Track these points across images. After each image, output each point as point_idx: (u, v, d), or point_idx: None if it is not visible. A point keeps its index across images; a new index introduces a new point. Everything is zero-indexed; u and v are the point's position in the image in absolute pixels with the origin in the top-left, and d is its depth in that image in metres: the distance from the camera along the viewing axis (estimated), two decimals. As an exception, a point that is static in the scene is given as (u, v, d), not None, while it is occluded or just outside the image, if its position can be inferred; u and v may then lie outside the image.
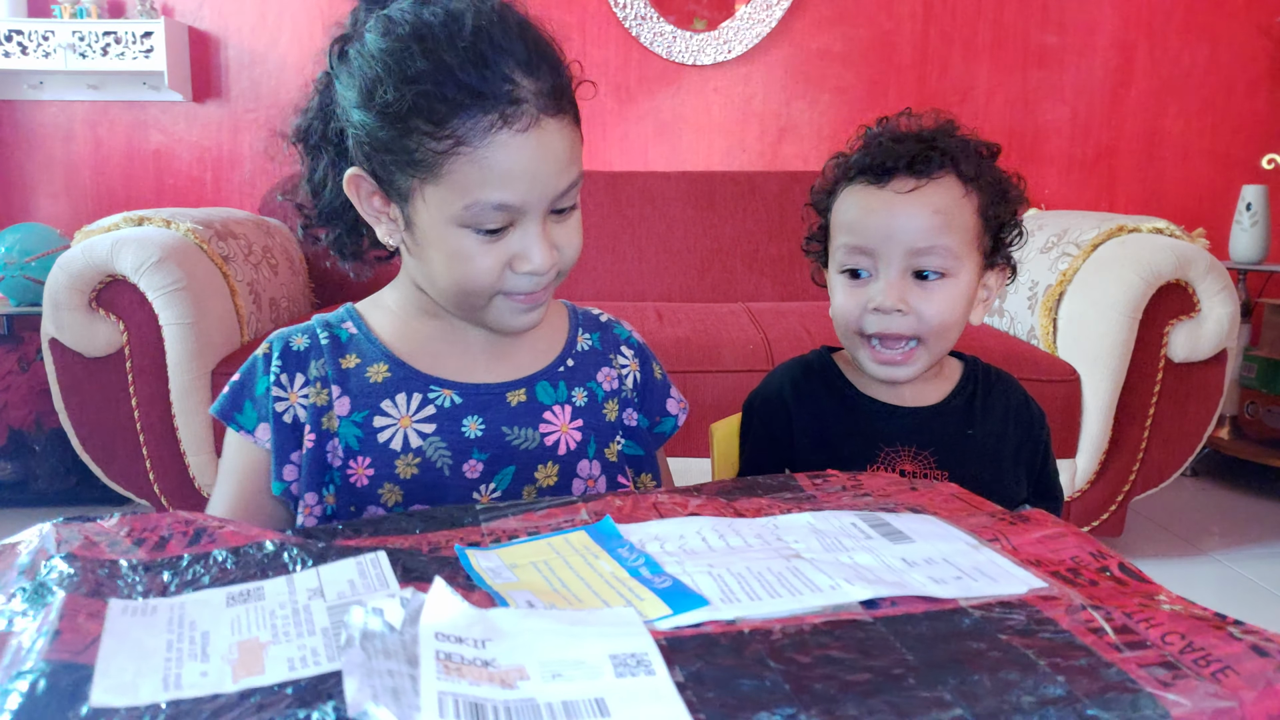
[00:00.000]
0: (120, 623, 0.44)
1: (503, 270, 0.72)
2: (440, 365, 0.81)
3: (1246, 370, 2.48)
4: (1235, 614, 0.41)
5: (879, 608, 0.44)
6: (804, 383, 0.90)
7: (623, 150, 2.76)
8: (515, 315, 0.76)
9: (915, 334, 0.81)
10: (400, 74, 0.67)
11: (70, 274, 1.74)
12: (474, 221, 0.69)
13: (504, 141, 0.67)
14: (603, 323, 0.92)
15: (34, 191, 2.71)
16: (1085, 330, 1.82)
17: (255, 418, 0.78)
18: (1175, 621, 0.40)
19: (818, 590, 0.45)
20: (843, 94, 2.74)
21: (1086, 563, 0.48)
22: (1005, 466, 0.88)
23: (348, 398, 0.78)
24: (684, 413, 0.94)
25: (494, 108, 0.67)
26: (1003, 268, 0.87)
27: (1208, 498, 2.39)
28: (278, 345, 0.80)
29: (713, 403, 1.76)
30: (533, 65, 0.69)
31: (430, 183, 0.69)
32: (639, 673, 0.38)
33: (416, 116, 0.67)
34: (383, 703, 0.34)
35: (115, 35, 2.48)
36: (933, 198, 0.80)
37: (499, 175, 0.68)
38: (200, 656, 0.41)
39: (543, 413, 0.81)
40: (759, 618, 0.44)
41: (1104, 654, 0.38)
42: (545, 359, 0.84)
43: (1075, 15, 2.70)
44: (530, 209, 0.70)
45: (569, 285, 2.48)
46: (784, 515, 0.57)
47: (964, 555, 0.49)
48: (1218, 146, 2.76)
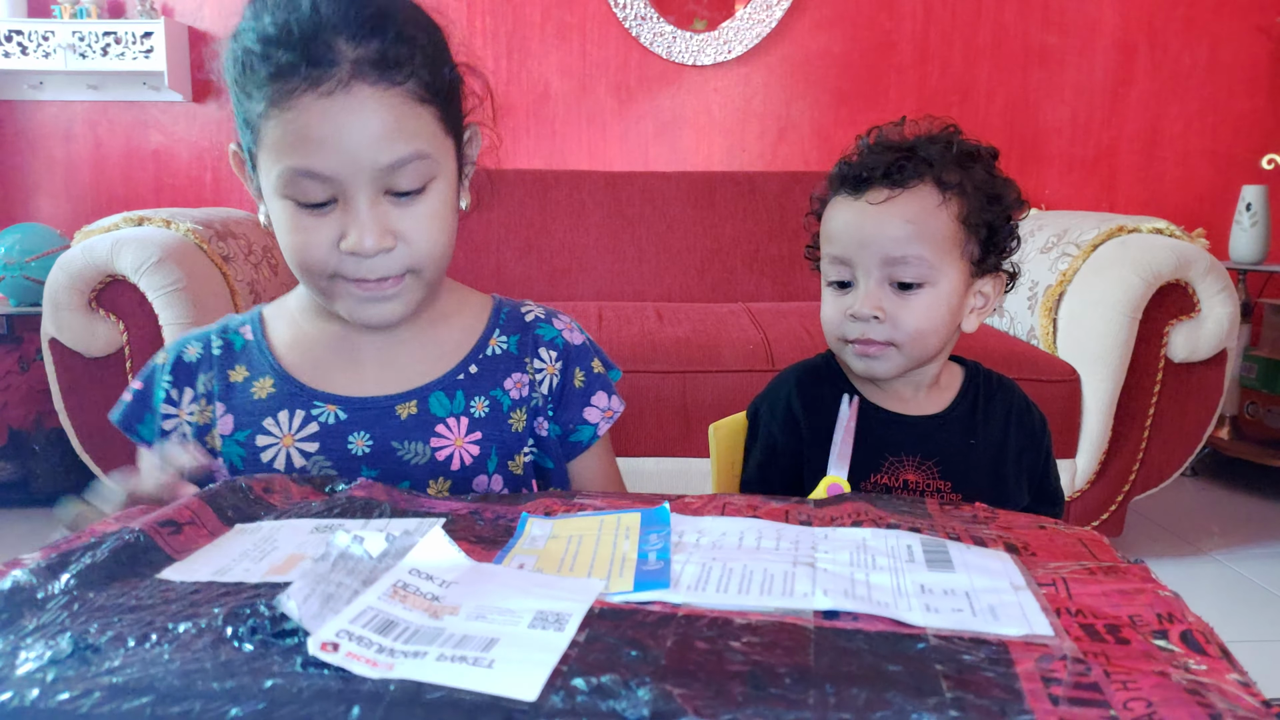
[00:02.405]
0: (227, 537, 0.52)
1: (330, 249, 0.69)
2: (327, 378, 0.78)
3: (1246, 370, 2.48)
4: (1235, 614, 0.40)
5: (836, 619, 0.42)
6: (810, 388, 0.90)
7: (623, 150, 2.76)
8: (360, 305, 0.72)
9: (890, 340, 0.82)
10: (237, 40, 0.67)
11: (70, 274, 1.74)
12: (292, 193, 0.67)
13: (308, 104, 0.64)
14: (527, 323, 0.85)
15: (34, 191, 2.71)
16: (1085, 330, 1.82)
17: (156, 430, 0.76)
18: (1161, 691, 0.36)
19: (788, 595, 0.45)
20: (843, 94, 2.74)
21: (1144, 622, 0.43)
22: (1007, 473, 0.88)
23: (231, 416, 0.76)
24: (608, 420, 0.86)
25: (305, 69, 0.64)
26: (999, 275, 0.86)
27: (1208, 498, 2.39)
28: (172, 355, 0.78)
29: (713, 403, 1.76)
30: (361, 30, 0.65)
31: (260, 150, 0.68)
32: (549, 628, 0.40)
33: (246, 81, 0.66)
34: (303, 604, 0.38)
35: (115, 35, 2.48)
36: (905, 207, 0.80)
37: (302, 138, 0.65)
38: (256, 559, 0.48)
39: (435, 426, 0.77)
40: (703, 606, 0.44)
41: (1030, 702, 0.35)
42: (442, 367, 0.79)
43: (1075, 15, 2.70)
44: (348, 182, 0.66)
45: (569, 284, 2.48)
46: (847, 528, 0.55)
47: (991, 593, 0.46)
48: (1218, 146, 2.76)
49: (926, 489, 0.85)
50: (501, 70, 2.70)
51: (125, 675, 0.35)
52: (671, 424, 1.78)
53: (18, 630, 0.39)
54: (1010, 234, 0.85)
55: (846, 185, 0.83)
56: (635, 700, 0.34)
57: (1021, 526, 0.58)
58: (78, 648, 0.37)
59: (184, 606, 0.41)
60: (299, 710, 0.33)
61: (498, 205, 2.48)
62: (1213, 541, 2.08)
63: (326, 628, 0.37)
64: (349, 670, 0.35)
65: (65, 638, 0.38)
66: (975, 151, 0.83)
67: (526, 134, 2.74)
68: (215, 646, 0.37)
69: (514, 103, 2.72)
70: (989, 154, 0.85)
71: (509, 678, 0.35)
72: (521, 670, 0.36)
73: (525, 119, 2.73)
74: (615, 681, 0.35)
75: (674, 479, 1.80)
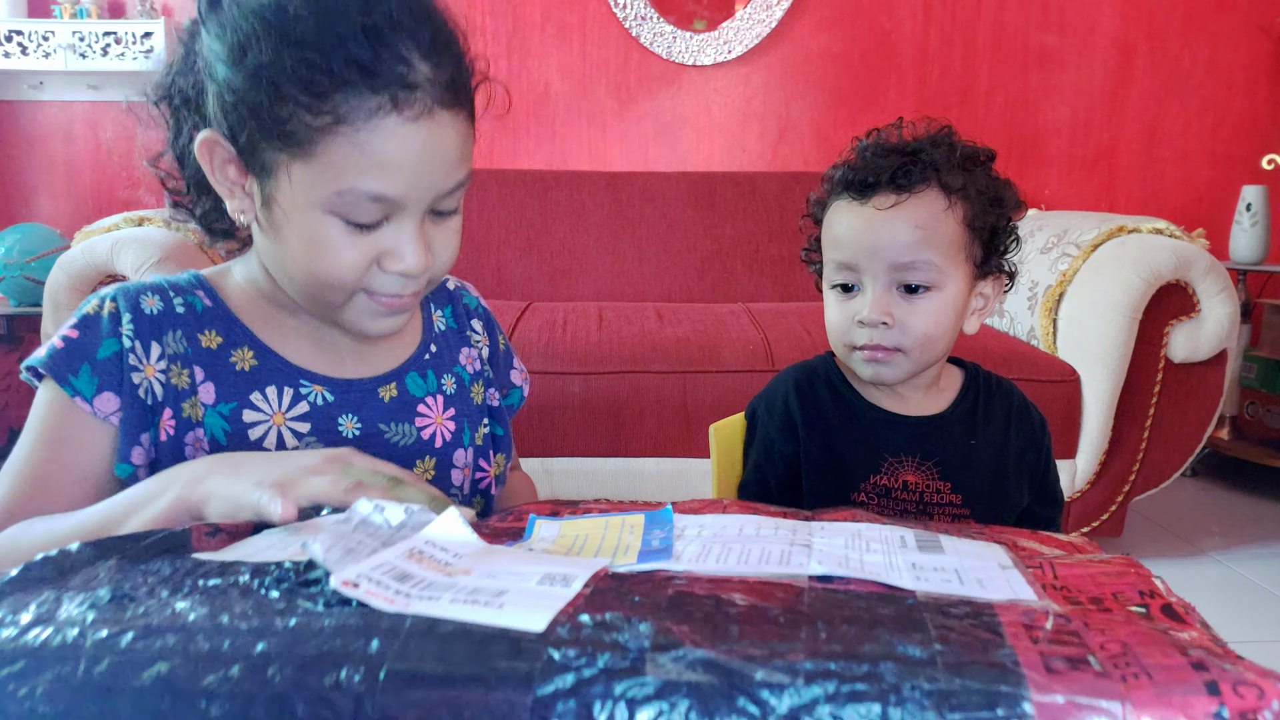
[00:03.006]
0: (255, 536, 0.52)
1: (369, 267, 0.66)
2: (307, 358, 0.74)
3: (1246, 370, 2.48)
4: (1235, 614, 0.40)
5: (830, 582, 0.44)
6: (808, 388, 0.90)
7: (623, 150, 2.76)
8: (374, 318, 0.70)
9: (898, 346, 0.82)
10: (281, 33, 0.59)
11: (70, 274, 1.74)
12: (344, 211, 0.63)
13: (391, 128, 0.60)
14: (451, 291, 0.86)
15: (34, 191, 2.71)
16: (1085, 330, 1.82)
17: (96, 384, 0.67)
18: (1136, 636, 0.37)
19: (784, 565, 0.46)
20: (843, 95, 2.75)
21: (1126, 598, 0.44)
22: (1007, 474, 0.88)
23: (212, 384, 0.70)
24: (526, 384, 0.91)
25: (384, 89, 0.60)
26: (999, 276, 0.86)
27: (1208, 498, 2.39)
28: (126, 303, 0.69)
29: (713, 403, 1.76)
30: (434, 51, 0.62)
31: (300, 160, 0.61)
32: (556, 585, 0.41)
33: (294, 84, 0.59)
34: (327, 551, 0.40)
35: (115, 35, 2.49)
36: (914, 212, 0.80)
37: (380, 164, 0.61)
38: (281, 549, 0.48)
39: (416, 405, 0.78)
40: (702, 572, 0.45)
41: (1013, 640, 0.36)
42: (409, 348, 0.80)
43: (1075, 15, 2.71)
44: (409, 205, 0.64)
45: (569, 284, 2.48)
46: (844, 523, 0.55)
47: (980, 569, 0.47)
48: (1218, 146, 2.77)
49: (926, 489, 0.85)
50: (501, 70, 2.70)
51: (159, 617, 0.37)
52: (671, 424, 1.78)
53: (62, 587, 0.42)
54: (1010, 235, 0.85)
55: (851, 190, 0.83)
56: (636, 633, 0.36)
57: (1014, 533, 0.59)
58: (115, 596, 0.40)
59: (215, 569, 0.43)
60: (321, 644, 0.35)
61: (498, 205, 2.48)
62: (1213, 541, 2.08)
63: (348, 570, 0.39)
64: (369, 605, 0.37)
65: (105, 589, 0.40)
66: (976, 154, 0.83)
67: (526, 134, 2.74)
68: (244, 595, 0.40)
69: (514, 103, 2.72)
70: (988, 156, 0.85)
71: (518, 613, 0.37)
72: (530, 609, 0.38)
73: (525, 119, 2.73)
74: (618, 618, 0.37)
75: (674, 479, 1.80)
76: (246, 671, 0.33)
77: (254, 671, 0.33)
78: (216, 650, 0.34)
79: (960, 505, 0.85)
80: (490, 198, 2.48)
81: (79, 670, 0.34)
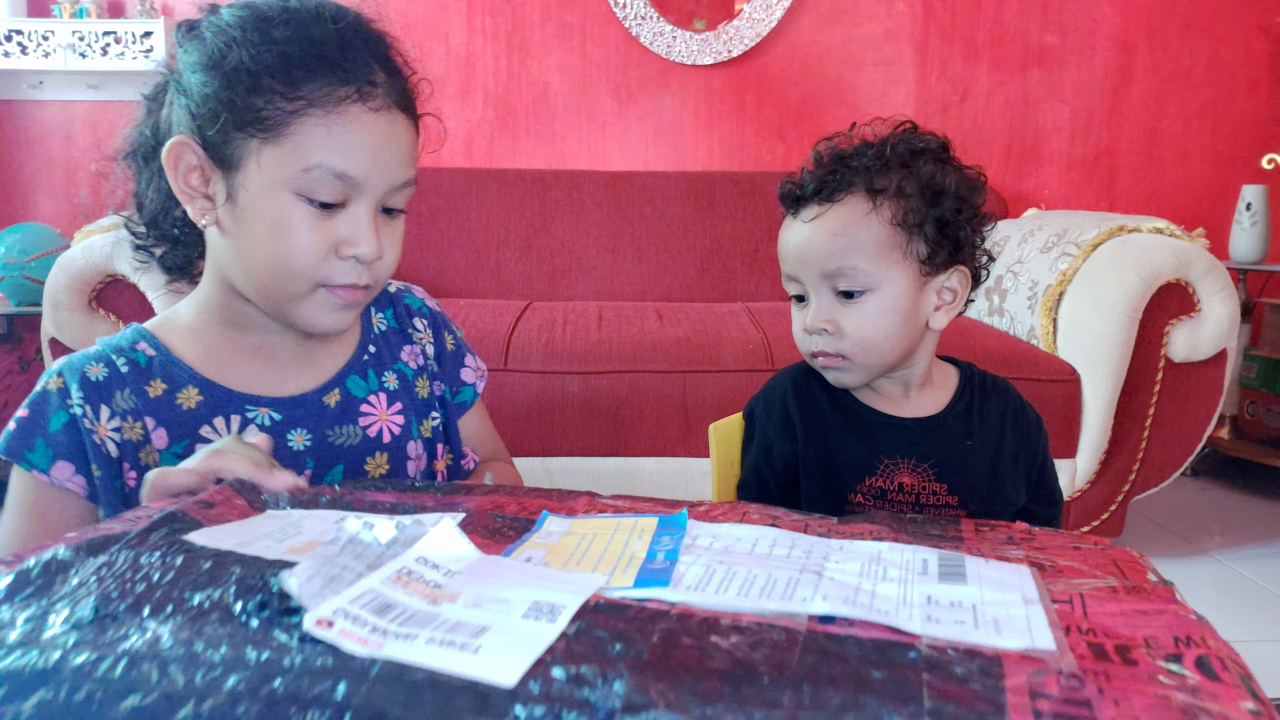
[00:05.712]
0: (256, 518, 0.54)
1: (326, 255, 0.71)
2: (250, 381, 0.78)
3: (1246, 370, 2.48)
4: (1235, 614, 0.39)
5: (831, 624, 0.42)
6: (806, 389, 0.90)
7: (623, 150, 2.76)
8: (328, 312, 0.74)
9: (839, 351, 0.83)
10: (261, 36, 0.68)
11: (70, 274, 1.74)
12: (309, 188, 0.69)
13: (356, 114, 0.69)
14: (392, 294, 0.91)
15: (34, 191, 2.71)
16: (1085, 330, 1.82)
17: (50, 456, 0.72)
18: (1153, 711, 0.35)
19: (787, 600, 0.44)
20: (843, 94, 2.74)
21: (1159, 645, 0.41)
22: (1004, 475, 0.88)
23: (164, 429, 0.75)
24: (482, 379, 0.94)
25: (351, 81, 0.69)
26: (960, 268, 0.84)
27: (1208, 498, 2.39)
28: (73, 376, 0.74)
29: (713, 403, 1.76)
30: (390, 65, 0.73)
31: (271, 143, 0.68)
32: (541, 619, 0.40)
33: (271, 76, 0.67)
34: (305, 584, 0.39)
35: (115, 35, 2.49)
36: (833, 221, 0.81)
37: (345, 143, 0.68)
38: (279, 539, 0.50)
39: (359, 406, 0.82)
40: (699, 605, 0.44)
41: (1013, 715, 0.34)
42: (347, 353, 0.84)
43: (1075, 15, 2.71)
44: (367, 190, 0.70)
45: (569, 284, 2.48)
46: (865, 542, 0.54)
47: (999, 606, 0.45)
48: (1218, 146, 2.77)
49: (923, 491, 0.85)
50: (501, 70, 2.70)
51: (139, 640, 0.37)
52: (671, 424, 1.78)
53: (50, 595, 0.42)
54: (964, 226, 0.83)
55: (784, 203, 0.87)
56: (609, 691, 0.35)
57: (1057, 547, 0.56)
58: (98, 615, 0.40)
59: (201, 577, 0.43)
60: (289, 683, 0.35)
61: (498, 205, 2.48)
62: (1213, 541, 2.08)
63: (325, 606, 0.39)
64: (340, 647, 0.37)
65: (88, 604, 0.41)
66: (921, 149, 0.82)
67: (526, 134, 2.74)
68: (224, 620, 0.39)
69: (514, 103, 2.72)
70: (938, 146, 0.83)
71: (491, 662, 0.36)
72: (505, 657, 0.37)
73: (525, 119, 2.73)
74: (593, 672, 0.36)
75: (674, 479, 1.80)
76: (216, 709, 0.34)
77: (224, 709, 0.34)
78: (190, 683, 0.35)
79: (956, 506, 0.85)
80: (490, 197, 2.48)
81: (60, 697, 0.34)
